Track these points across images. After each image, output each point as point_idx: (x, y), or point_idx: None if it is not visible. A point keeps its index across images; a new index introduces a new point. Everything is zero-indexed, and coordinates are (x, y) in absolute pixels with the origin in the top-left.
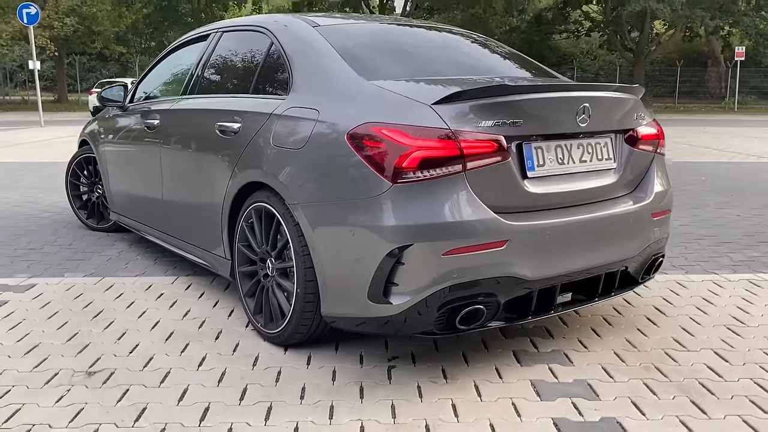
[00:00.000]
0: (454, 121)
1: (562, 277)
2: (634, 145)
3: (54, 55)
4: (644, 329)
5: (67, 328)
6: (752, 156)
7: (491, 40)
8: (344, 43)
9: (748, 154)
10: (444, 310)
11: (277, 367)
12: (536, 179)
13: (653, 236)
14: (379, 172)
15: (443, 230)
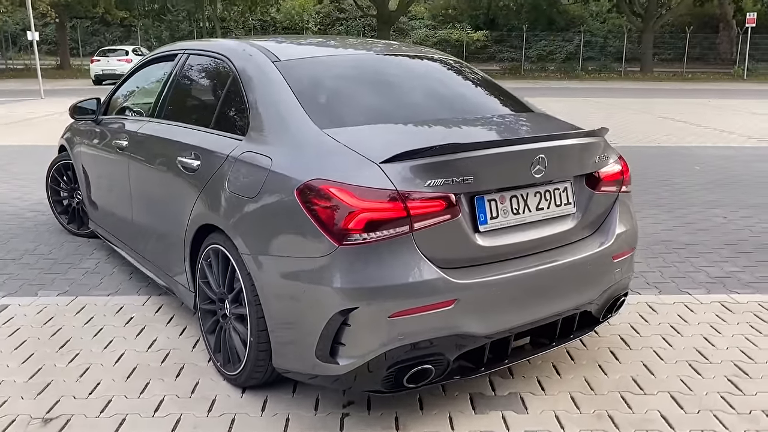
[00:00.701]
0: (401, 181)
1: (516, 328)
2: (595, 188)
3: (55, 21)
4: (605, 365)
5: (32, 362)
6: (752, 139)
7: (466, 66)
8: (303, 83)
9: (748, 136)
10: (392, 370)
11: (232, 413)
12: (489, 232)
13: (614, 278)
14: (325, 232)
15: (389, 293)
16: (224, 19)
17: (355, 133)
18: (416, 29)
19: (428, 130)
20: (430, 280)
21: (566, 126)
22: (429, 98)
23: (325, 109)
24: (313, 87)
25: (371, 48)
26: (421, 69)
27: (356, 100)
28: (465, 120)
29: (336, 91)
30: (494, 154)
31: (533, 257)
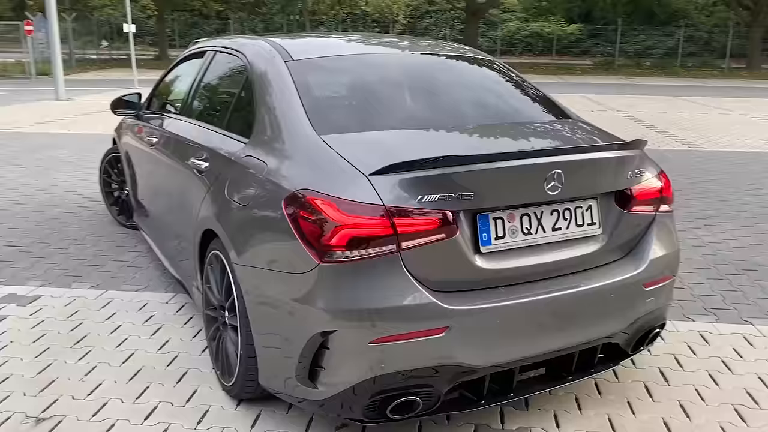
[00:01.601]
0: (390, 196)
1: (521, 361)
2: (626, 207)
3: (155, 14)
4: (635, 403)
5: (44, 357)
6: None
7: (499, 65)
8: (311, 84)
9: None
10: (374, 399)
11: (220, 428)
12: (493, 254)
13: (645, 308)
14: (307, 247)
15: (371, 317)
16: (314, 12)
17: (354, 140)
18: (507, 22)
19: (436, 138)
20: (418, 304)
21: (596, 137)
22: (446, 102)
23: (330, 112)
24: (321, 89)
25: (395, 46)
26: (444, 70)
27: (366, 104)
28: (480, 128)
29: (346, 93)
30: (499, 169)
31: (547, 282)
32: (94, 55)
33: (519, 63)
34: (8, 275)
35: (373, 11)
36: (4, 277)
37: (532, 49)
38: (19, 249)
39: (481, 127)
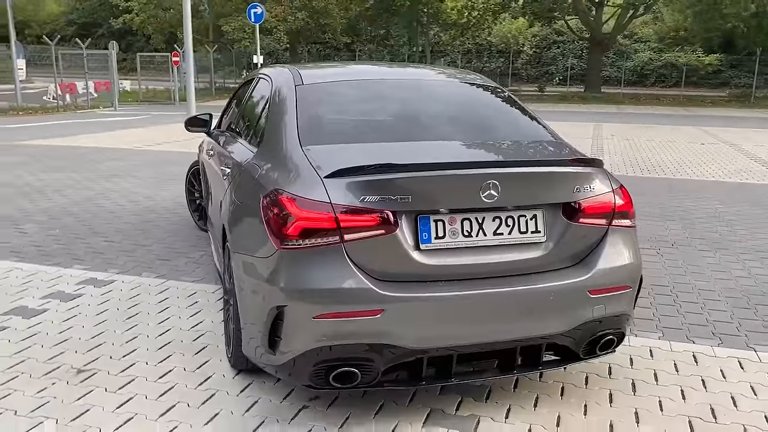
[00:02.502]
0: (338, 195)
1: (457, 348)
2: (573, 219)
3: (288, 46)
4: (593, 407)
5: (99, 327)
6: None
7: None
8: (310, 104)
9: None
10: (318, 368)
11: (214, 390)
12: (432, 251)
13: (592, 314)
14: (271, 236)
15: (315, 295)
16: (438, 43)
17: (329, 150)
18: (639, 52)
19: (400, 150)
20: (356, 288)
21: (556, 155)
22: (422, 121)
23: (317, 128)
24: (317, 107)
25: (399, 74)
26: (432, 93)
27: (351, 121)
28: (442, 143)
29: (336, 112)
30: (434, 177)
31: (486, 281)
32: (233, 83)
33: (644, 94)
34: (95, 263)
35: (499, 42)
36: (91, 264)
37: (666, 80)
38: (111, 244)
39: (443, 142)
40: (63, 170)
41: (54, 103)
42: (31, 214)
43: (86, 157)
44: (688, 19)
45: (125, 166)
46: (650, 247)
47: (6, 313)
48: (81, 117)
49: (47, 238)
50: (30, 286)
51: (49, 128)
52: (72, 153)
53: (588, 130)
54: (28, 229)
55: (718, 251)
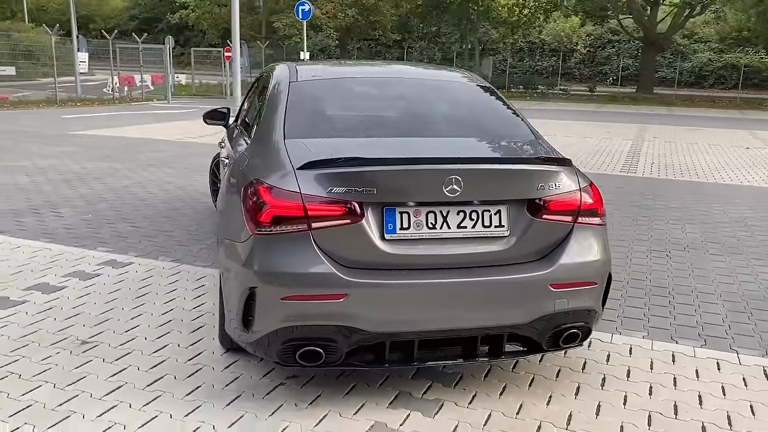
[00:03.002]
0: (307, 186)
1: (418, 333)
2: (536, 215)
3: (337, 42)
4: (556, 398)
5: (111, 304)
6: None
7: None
8: (299, 100)
9: None
10: (286, 346)
11: (201, 365)
12: (397, 241)
13: (553, 307)
14: (248, 222)
15: (283, 278)
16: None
17: (308, 144)
18: (698, 53)
19: (371, 145)
20: (321, 273)
21: (529, 153)
22: (404, 117)
23: (302, 122)
24: (306, 103)
25: (392, 72)
26: (421, 92)
27: (336, 116)
28: (417, 139)
29: (323, 107)
30: (397, 171)
31: (449, 271)
32: None
33: (699, 96)
34: (118, 246)
35: (552, 40)
36: (114, 247)
37: (726, 81)
38: (136, 229)
39: (418, 139)
40: (106, 159)
41: (111, 95)
42: (70, 200)
43: (130, 148)
44: (751, 19)
45: (164, 157)
46: (661, 250)
47: (28, 288)
48: (134, 109)
49: (80, 222)
50: (55, 265)
51: (103, 119)
52: (118, 143)
53: (631, 132)
54: (64, 213)
55: (731, 256)
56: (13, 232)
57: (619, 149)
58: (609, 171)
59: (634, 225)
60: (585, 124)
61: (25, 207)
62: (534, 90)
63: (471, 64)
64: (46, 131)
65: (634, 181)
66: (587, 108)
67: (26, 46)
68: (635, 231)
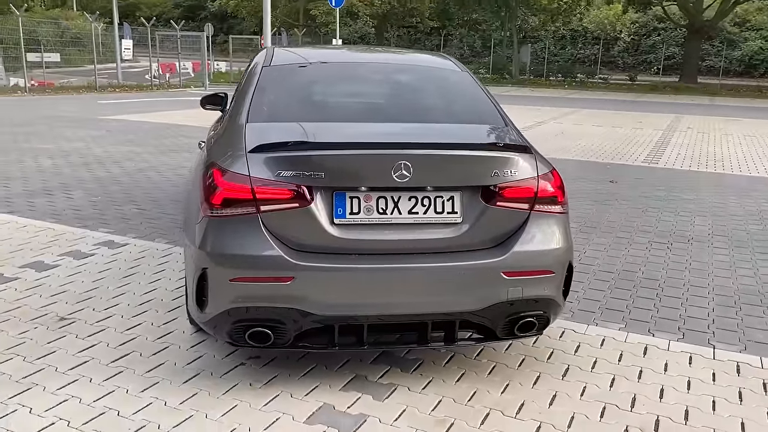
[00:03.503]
0: (257, 169)
1: (367, 318)
2: (490, 202)
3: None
4: (512, 387)
5: (98, 283)
6: None
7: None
8: (268, 84)
9: None
10: (236, 326)
11: (169, 344)
12: (346, 226)
13: (506, 295)
14: (202, 204)
15: (231, 260)
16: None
17: (266, 128)
18: (749, 41)
19: (326, 130)
20: (269, 255)
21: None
22: (369, 104)
23: (267, 106)
24: (273, 88)
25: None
26: (391, 77)
27: (301, 101)
28: (372, 124)
29: (290, 92)
30: (344, 155)
31: (398, 256)
32: None
33: (746, 86)
34: (119, 228)
35: (595, 28)
36: (115, 228)
37: None
38: (141, 212)
39: (376, 124)
40: (129, 144)
41: (150, 82)
42: (85, 182)
43: (155, 133)
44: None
45: (186, 142)
46: (663, 242)
47: (23, 266)
48: (170, 95)
49: (88, 203)
50: (54, 244)
51: (137, 105)
52: (144, 128)
53: (664, 122)
54: (75, 195)
55: (735, 249)
56: (23, 212)
57: (648, 139)
58: (631, 162)
59: (641, 216)
60: (619, 113)
61: (40, 188)
62: (573, 79)
63: (509, 53)
64: (79, 116)
65: (654, 172)
66: (625, 97)
67: (74, 33)
68: (641, 222)
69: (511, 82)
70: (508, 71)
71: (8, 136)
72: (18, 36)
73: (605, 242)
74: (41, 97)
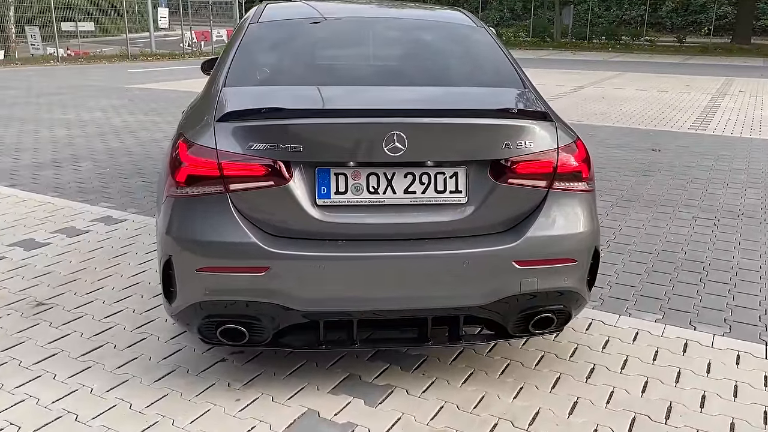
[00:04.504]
0: (225, 141)
1: (354, 314)
2: (500, 179)
3: None
4: (527, 391)
5: (86, 263)
6: None
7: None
8: (253, 43)
9: None
10: (207, 321)
11: (148, 334)
12: (331, 207)
13: (518, 288)
14: (167, 182)
15: (197, 247)
16: None
17: (244, 93)
18: None
19: (311, 94)
20: (240, 242)
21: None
22: (368, 65)
23: (249, 68)
24: (259, 47)
25: (370, 11)
26: (398, 35)
27: (289, 63)
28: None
29: (278, 52)
30: (326, 124)
31: (391, 243)
32: None
33: None
34: (120, 202)
35: None
36: (117, 203)
37: None
38: (146, 184)
39: (369, 87)
40: (150, 113)
41: (181, 51)
42: (96, 153)
43: (179, 102)
44: None
45: None
46: (709, 218)
47: (12, 245)
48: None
49: (95, 176)
50: (50, 220)
51: (165, 73)
52: (167, 96)
53: (714, 85)
54: (83, 167)
55: None
56: (26, 185)
57: (696, 104)
58: (676, 128)
59: (685, 188)
60: (665, 76)
61: (48, 160)
62: (617, 41)
63: (551, 15)
64: (106, 84)
65: (702, 139)
66: (673, 60)
67: (110, 1)
68: (684, 195)
69: (552, 45)
70: (549, 34)
71: (32, 106)
72: (55, 5)
73: (644, 218)
74: (72, 66)
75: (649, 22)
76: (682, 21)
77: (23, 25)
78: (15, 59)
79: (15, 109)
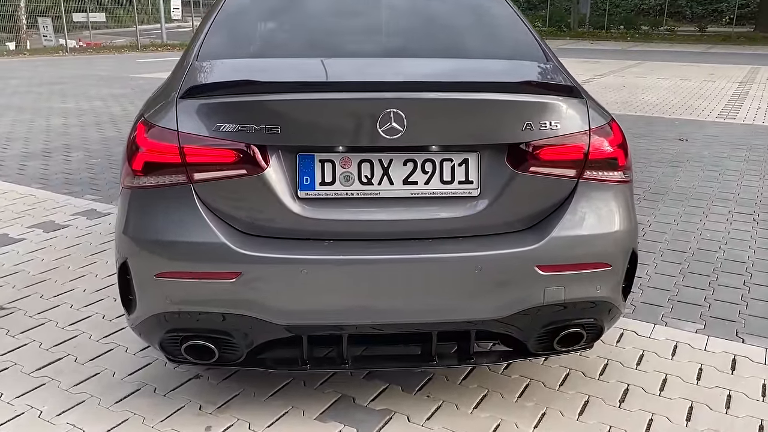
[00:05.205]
0: (188, 122)
1: (344, 328)
2: (521, 167)
3: None
4: (550, 418)
5: (60, 261)
6: None
7: None
8: (234, 13)
9: None
10: (169, 336)
11: (116, 344)
12: (316, 201)
13: (542, 298)
14: (123, 172)
15: (153, 248)
16: None
17: (214, 66)
18: None
19: (292, 67)
20: (205, 243)
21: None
22: (363, 33)
23: (226, 40)
24: (237, 16)
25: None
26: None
27: (273, 32)
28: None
29: (258, 21)
30: (309, 101)
31: (388, 244)
32: None
33: None
34: (107, 195)
35: None
36: (103, 196)
37: None
38: None
39: (362, 59)
40: None
41: None
42: (89, 143)
43: None
44: None
45: None
46: (747, 213)
47: None
48: None
49: (85, 167)
50: (29, 214)
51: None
52: None
53: (740, 74)
54: (74, 157)
55: None
56: (11, 176)
57: (722, 92)
58: (703, 117)
59: (718, 180)
60: (688, 65)
61: (39, 150)
62: (636, 30)
63: (568, 4)
64: (111, 74)
65: (731, 129)
66: (694, 49)
67: None
68: (718, 187)
69: (569, 34)
70: (566, 24)
71: (33, 95)
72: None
73: (675, 212)
74: (81, 57)
75: (668, 12)
76: (702, 10)
77: (36, 16)
78: (24, 50)
79: (14, 98)
